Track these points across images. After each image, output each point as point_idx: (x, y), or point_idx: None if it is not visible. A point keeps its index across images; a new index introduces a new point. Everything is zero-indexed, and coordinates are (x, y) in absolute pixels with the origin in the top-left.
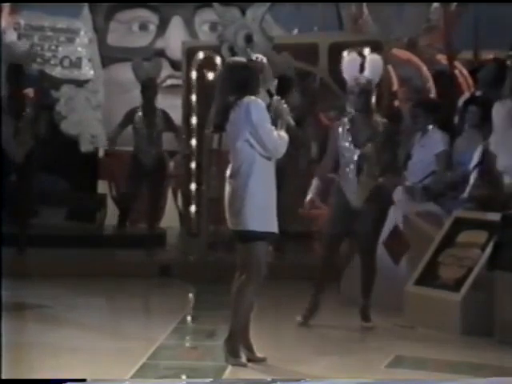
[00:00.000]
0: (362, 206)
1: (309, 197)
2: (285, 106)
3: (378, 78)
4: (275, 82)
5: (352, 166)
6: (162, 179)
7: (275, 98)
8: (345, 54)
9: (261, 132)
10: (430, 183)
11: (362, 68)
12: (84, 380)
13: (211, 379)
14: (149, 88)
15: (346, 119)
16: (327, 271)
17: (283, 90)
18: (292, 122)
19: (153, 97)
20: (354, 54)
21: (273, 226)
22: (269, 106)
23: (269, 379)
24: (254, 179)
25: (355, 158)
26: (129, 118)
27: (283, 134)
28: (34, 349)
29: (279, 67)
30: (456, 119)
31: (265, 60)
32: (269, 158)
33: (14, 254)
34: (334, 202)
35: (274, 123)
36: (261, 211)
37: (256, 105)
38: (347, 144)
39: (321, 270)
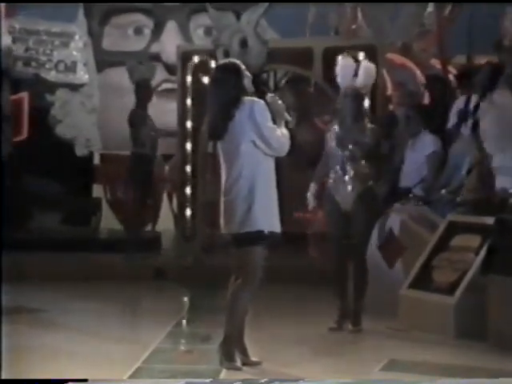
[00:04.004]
0: (352, 208)
1: (309, 203)
2: (280, 102)
3: (370, 85)
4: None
5: (338, 169)
6: (155, 182)
7: (270, 95)
8: (339, 58)
9: (265, 132)
10: (421, 190)
11: (355, 73)
12: (85, 380)
13: (211, 379)
14: (143, 89)
15: (335, 123)
16: (342, 273)
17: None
18: (289, 118)
19: (147, 98)
20: (349, 59)
21: (277, 226)
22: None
23: (266, 379)
24: (259, 180)
25: (341, 160)
26: (132, 119)
27: (285, 131)
28: (29, 352)
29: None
30: (451, 123)
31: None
32: (272, 158)
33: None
34: (326, 206)
35: (273, 121)
36: (267, 211)
37: (258, 105)
38: (334, 147)
39: (336, 275)
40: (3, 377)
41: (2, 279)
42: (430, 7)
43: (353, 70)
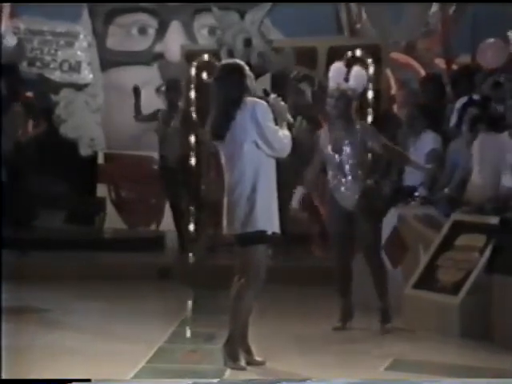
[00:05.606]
0: (355, 208)
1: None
2: (282, 103)
3: (360, 89)
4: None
5: (339, 173)
6: (184, 181)
7: (272, 96)
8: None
9: (267, 133)
10: (425, 190)
11: (346, 77)
12: (89, 380)
13: (217, 379)
14: (172, 89)
15: (327, 125)
16: (345, 272)
17: (279, 87)
18: (291, 120)
19: (176, 98)
20: (340, 64)
21: (277, 226)
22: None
23: (272, 380)
24: (261, 180)
25: (340, 164)
26: (155, 114)
27: (286, 132)
28: (32, 351)
29: (278, 65)
30: (452, 122)
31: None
32: (273, 158)
33: (13, 257)
34: (328, 207)
35: (275, 122)
36: (268, 211)
37: (261, 105)
38: (329, 150)
39: (338, 273)
40: (3, 377)
41: (2, 278)
42: (435, 7)
43: (343, 74)
